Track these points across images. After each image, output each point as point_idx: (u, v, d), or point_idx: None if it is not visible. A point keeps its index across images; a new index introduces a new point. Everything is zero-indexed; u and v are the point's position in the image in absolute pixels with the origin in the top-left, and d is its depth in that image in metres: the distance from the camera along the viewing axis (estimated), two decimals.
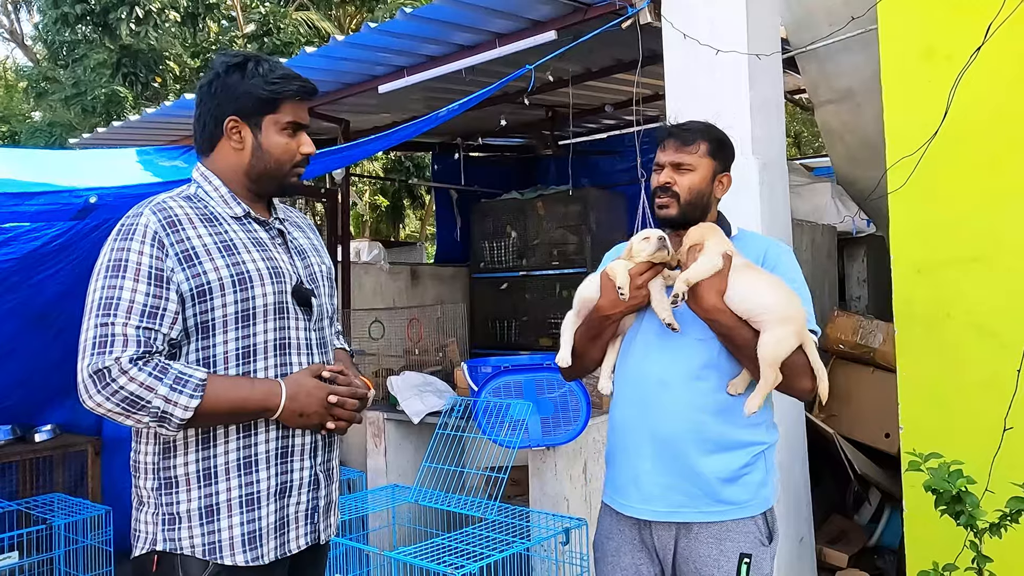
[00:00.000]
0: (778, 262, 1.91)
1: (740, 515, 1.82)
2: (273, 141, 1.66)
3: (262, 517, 1.59)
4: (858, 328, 3.81)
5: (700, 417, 1.82)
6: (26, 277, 4.07)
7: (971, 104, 2.63)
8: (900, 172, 2.74)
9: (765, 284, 1.75)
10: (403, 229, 16.26)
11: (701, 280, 1.73)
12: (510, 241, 6.42)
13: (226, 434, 1.57)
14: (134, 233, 1.54)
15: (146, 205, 1.59)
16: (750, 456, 1.84)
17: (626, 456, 1.92)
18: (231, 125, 1.64)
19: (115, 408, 1.47)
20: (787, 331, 1.70)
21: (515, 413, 3.10)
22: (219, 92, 1.65)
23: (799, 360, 1.75)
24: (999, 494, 2.05)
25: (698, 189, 1.92)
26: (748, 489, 1.83)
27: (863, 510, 3.77)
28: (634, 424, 1.91)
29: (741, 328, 1.73)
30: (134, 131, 5.42)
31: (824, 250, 4.49)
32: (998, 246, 2.60)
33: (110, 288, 1.50)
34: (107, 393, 1.45)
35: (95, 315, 1.49)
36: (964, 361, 2.66)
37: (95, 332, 1.48)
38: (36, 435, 4.30)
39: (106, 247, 1.56)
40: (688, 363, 1.84)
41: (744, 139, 3.14)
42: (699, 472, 1.81)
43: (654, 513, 1.86)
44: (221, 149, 1.67)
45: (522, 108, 5.55)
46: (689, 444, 1.82)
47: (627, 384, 1.94)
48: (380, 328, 4.94)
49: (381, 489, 3.49)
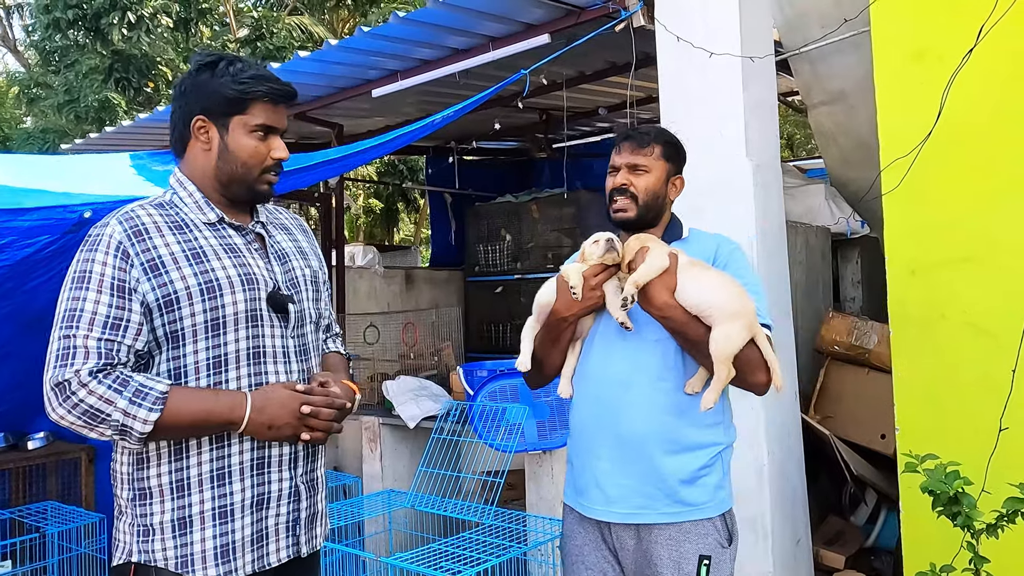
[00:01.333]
0: (729, 259, 1.93)
1: (699, 516, 1.84)
2: (240, 143, 1.60)
3: (236, 530, 1.56)
4: (853, 329, 3.81)
5: (663, 418, 1.84)
6: (20, 283, 4.04)
7: (964, 105, 2.63)
8: (894, 173, 2.75)
9: (714, 280, 1.78)
10: (397, 233, 16.25)
11: (651, 279, 1.76)
12: (505, 244, 6.42)
13: (199, 445, 1.54)
14: (99, 244, 1.52)
15: (114, 215, 1.57)
16: (708, 457, 1.86)
17: (587, 457, 1.93)
18: (198, 124, 1.60)
19: (77, 421, 1.45)
20: (737, 325, 1.72)
21: (511, 417, 3.10)
22: (188, 91, 1.62)
23: (752, 354, 1.77)
24: (996, 495, 2.05)
25: (653, 190, 1.95)
26: (706, 491, 1.85)
27: (859, 511, 3.77)
28: (595, 425, 1.92)
29: (693, 324, 1.75)
30: (127, 136, 5.41)
31: (818, 251, 4.49)
32: (992, 246, 2.61)
33: (73, 300, 1.49)
34: (68, 406, 1.44)
35: (59, 327, 1.48)
36: (959, 362, 2.66)
37: (58, 344, 1.47)
38: (29, 442, 4.26)
39: (75, 258, 1.55)
40: (648, 364, 1.86)
41: (738, 141, 3.14)
42: (660, 473, 1.83)
43: (614, 515, 1.87)
44: (191, 150, 1.63)
45: (516, 111, 5.55)
46: (652, 445, 1.84)
47: (588, 386, 1.95)
48: (375, 332, 4.93)
49: (377, 494, 3.48)
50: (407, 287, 6.74)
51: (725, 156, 3.16)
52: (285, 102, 1.65)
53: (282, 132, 1.67)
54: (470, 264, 6.68)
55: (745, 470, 3.04)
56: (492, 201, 6.74)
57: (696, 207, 3.22)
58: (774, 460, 3.07)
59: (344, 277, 5.91)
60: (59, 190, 2.76)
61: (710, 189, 3.20)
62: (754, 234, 3.08)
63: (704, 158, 3.20)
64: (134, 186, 3.08)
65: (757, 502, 3.02)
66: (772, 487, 3.04)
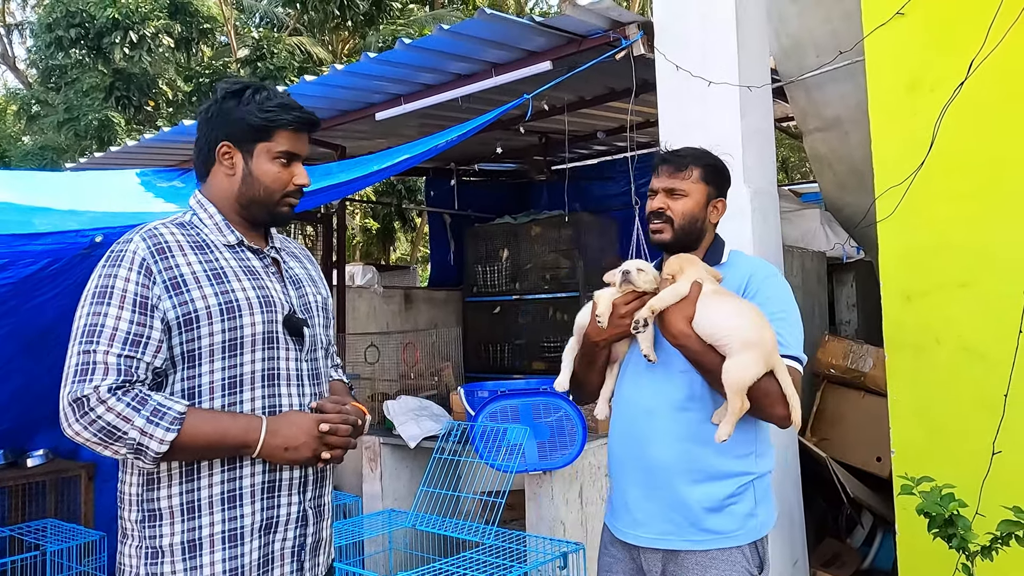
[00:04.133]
0: (762, 285, 1.91)
1: (726, 544, 1.83)
2: (264, 169, 1.64)
3: (245, 553, 1.55)
4: (848, 352, 3.86)
5: (685, 447, 1.85)
6: (24, 301, 4.06)
7: (956, 135, 2.70)
8: (888, 201, 2.81)
9: (731, 309, 1.76)
10: (394, 252, 16.29)
11: (669, 306, 1.77)
12: (503, 265, 6.47)
13: (210, 467, 1.54)
14: (122, 260, 1.52)
15: (137, 231, 1.58)
16: (737, 486, 1.86)
17: (619, 481, 1.98)
18: (223, 150, 1.64)
19: (92, 438, 1.45)
20: (750, 356, 1.69)
21: (512, 437, 3.12)
22: (215, 117, 1.65)
23: (768, 386, 1.74)
24: (989, 517, 2.09)
25: (691, 214, 1.94)
26: (735, 519, 1.85)
27: (856, 533, 3.80)
28: (624, 452, 1.96)
29: (708, 354, 1.75)
30: (130, 156, 5.45)
31: (814, 275, 4.56)
32: (985, 272, 2.66)
33: (94, 315, 1.49)
34: (85, 422, 1.44)
35: (78, 342, 1.48)
36: (953, 385, 2.71)
37: (77, 359, 1.47)
38: (28, 460, 4.27)
39: (95, 273, 1.55)
40: (673, 393, 1.87)
41: (736, 168, 3.19)
42: (684, 501, 1.84)
43: (641, 539, 1.90)
44: (215, 175, 1.67)
45: (516, 134, 5.63)
46: (674, 473, 1.85)
47: (620, 411, 1.99)
48: (375, 352, 4.96)
49: (378, 514, 3.50)
50: (406, 307, 6.78)
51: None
52: (308, 131, 1.69)
53: (302, 158, 1.70)
54: (469, 284, 6.73)
55: None
56: (491, 222, 6.80)
57: None
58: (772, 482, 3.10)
59: (344, 297, 5.95)
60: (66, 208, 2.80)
61: None
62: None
63: None
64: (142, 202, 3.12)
65: None
66: None
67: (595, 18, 3.51)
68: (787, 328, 1.85)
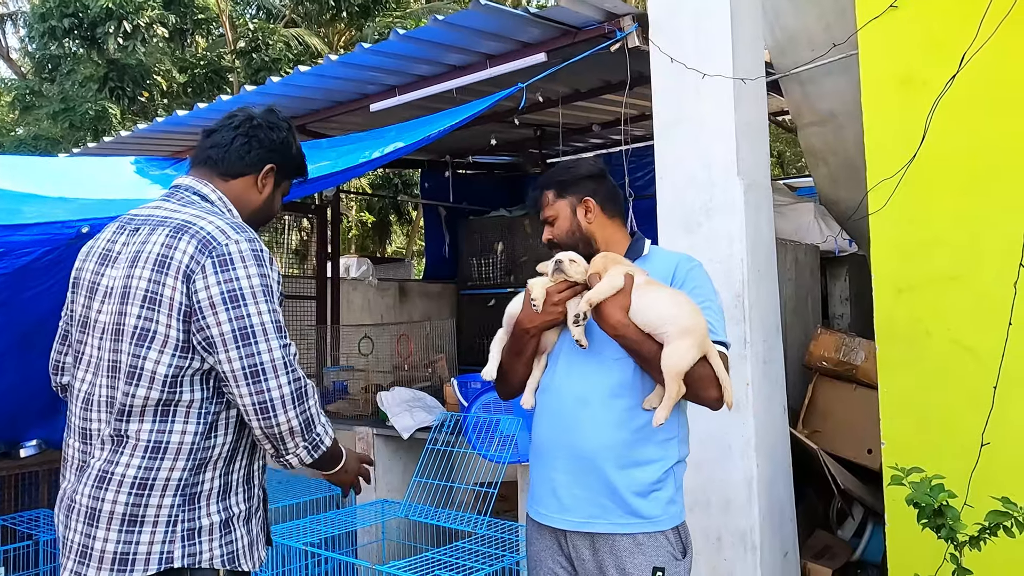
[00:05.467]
0: (687, 276, 1.98)
1: (651, 529, 1.88)
2: (277, 200, 1.89)
3: (251, 530, 1.74)
4: (841, 345, 3.88)
5: (617, 434, 1.89)
6: (16, 292, 4.05)
7: (948, 129, 2.71)
8: (880, 194, 2.82)
9: (667, 298, 1.83)
10: (389, 245, 16.28)
11: (605, 299, 1.81)
12: (498, 258, 6.48)
13: (240, 454, 1.73)
14: (265, 259, 1.68)
15: (245, 232, 1.69)
16: (661, 471, 1.91)
17: (544, 469, 2.00)
18: (269, 170, 1.82)
19: (298, 426, 1.64)
20: (688, 343, 1.77)
21: (504, 428, 3.14)
22: (278, 141, 1.83)
23: (703, 371, 1.81)
24: (978, 508, 2.11)
25: (565, 231, 2.04)
26: (658, 504, 1.90)
27: (846, 525, 3.82)
28: (552, 438, 1.98)
29: (647, 342, 1.81)
30: (125, 146, 5.43)
31: (807, 269, 4.57)
32: (976, 265, 2.68)
33: (273, 311, 1.64)
34: (302, 407, 1.63)
35: (275, 337, 1.62)
36: (943, 378, 2.73)
37: (282, 353, 1.62)
38: (22, 451, 4.27)
39: (245, 273, 1.62)
40: (605, 382, 1.91)
41: (729, 161, 3.21)
42: (613, 486, 1.88)
43: (569, 523, 1.93)
44: (246, 183, 1.81)
45: (511, 127, 5.62)
46: (605, 460, 1.89)
47: (549, 400, 2.01)
48: (369, 344, 4.97)
49: (371, 504, 3.50)
50: (401, 300, 6.78)
51: (716, 175, 3.22)
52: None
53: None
54: (463, 277, 6.73)
55: (734, 483, 3.09)
56: (486, 215, 6.80)
57: (688, 225, 3.30)
58: (763, 474, 3.12)
59: (339, 289, 5.95)
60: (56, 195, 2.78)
61: (702, 207, 3.27)
62: (745, 251, 3.14)
63: (696, 177, 3.28)
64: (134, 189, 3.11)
65: (746, 515, 3.07)
66: (761, 501, 3.09)
67: (590, 10, 3.51)
68: (714, 315, 1.92)
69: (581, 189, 2.06)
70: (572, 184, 2.07)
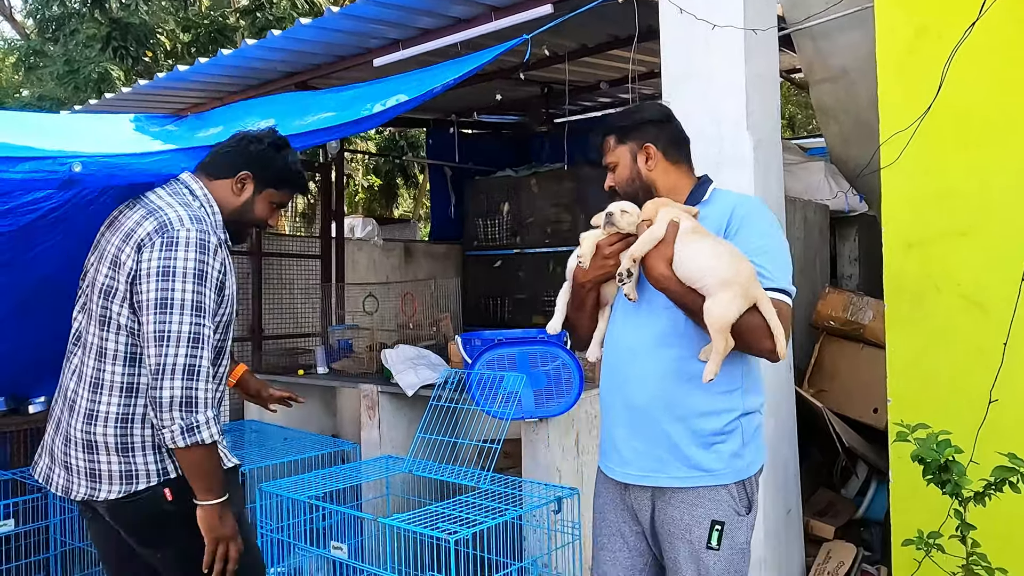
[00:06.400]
0: (744, 221, 1.88)
1: (712, 482, 1.84)
2: (260, 206, 2.14)
3: (223, 443, 2.06)
4: (849, 305, 3.84)
5: (666, 385, 1.85)
6: (21, 252, 4.04)
7: (963, 81, 2.65)
8: (893, 147, 2.77)
9: (707, 249, 1.74)
10: (396, 209, 16.20)
11: (649, 251, 1.77)
12: (504, 219, 6.42)
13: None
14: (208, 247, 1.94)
15: (195, 225, 1.94)
16: (723, 423, 1.85)
17: (606, 421, 2.01)
18: (242, 176, 2.10)
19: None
20: (728, 295, 1.69)
21: (508, 385, 3.13)
22: (255, 153, 2.12)
23: (753, 321, 1.72)
24: (983, 465, 2.10)
25: (626, 178, 2.00)
26: (721, 458, 1.85)
27: (850, 483, 3.83)
28: (610, 391, 1.98)
29: (690, 295, 1.75)
30: (127, 103, 5.38)
31: (816, 228, 4.52)
32: (987, 220, 2.63)
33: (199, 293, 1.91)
34: (191, 384, 1.85)
35: (192, 314, 1.88)
36: (952, 334, 2.70)
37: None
38: (30, 407, 4.31)
39: (181, 255, 1.89)
40: (654, 331, 1.88)
41: (739, 115, 3.15)
42: (669, 437, 1.85)
43: (629, 476, 1.92)
44: (223, 186, 2.09)
45: (517, 84, 5.54)
46: (657, 410, 1.86)
47: (607, 352, 2.01)
48: (374, 302, 4.96)
49: (375, 460, 3.52)
50: (406, 260, 6.75)
51: (726, 130, 3.16)
52: (302, 192, 2.26)
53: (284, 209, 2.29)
54: (469, 238, 6.68)
55: None
56: (492, 175, 6.73)
57: None
58: (767, 431, 3.10)
59: (344, 249, 5.92)
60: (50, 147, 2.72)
61: (710, 163, 3.21)
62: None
63: (705, 132, 3.21)
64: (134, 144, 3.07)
65: None
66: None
67: None
68: (771, 261, 1.82)
69: (642, 135, 1.99)
70: (633, 129, 2.01)
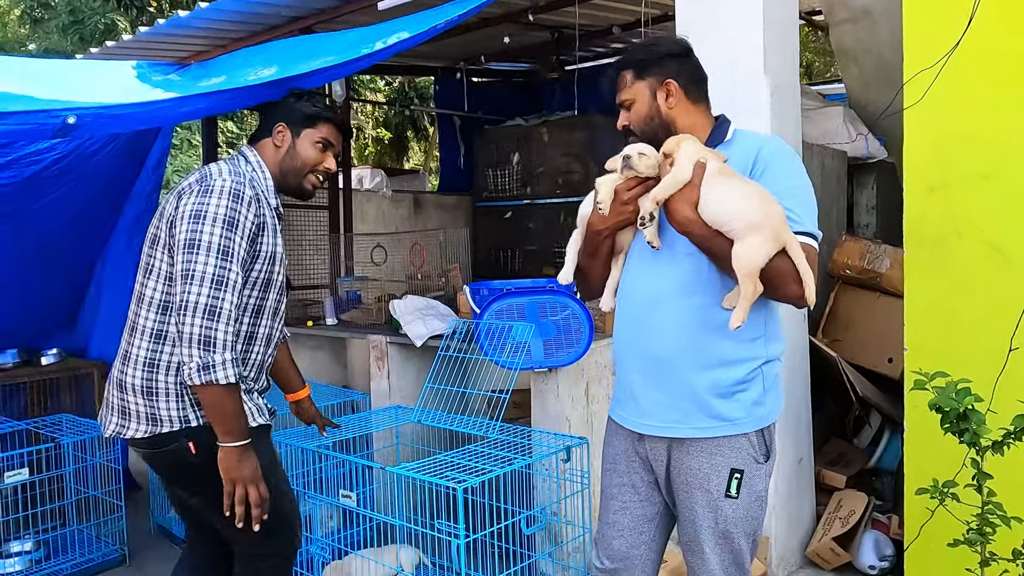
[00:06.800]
0: (769, 162, 1.79)
1: (732, 431, 1.80)
2: (304, 149, 2.18)
3: (253, 400, 2.10)
4: (865, 253, 3.77)
5: (690, 334, 1.80)
6: (27, 202, 4.02)
7: (992, 18, 2.52)
8: (917, 86, 2.66)
9: (736, 190, 1.66)
10: (407, 161, 16.06)
11: (672, 193, 1.69)
12: (514, 169, 6.32)
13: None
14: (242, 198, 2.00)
15: (235, 179, 2.02)
16: (746, 372, 1.81)
17: (622, 371, 1.95)
18: (278, 129, 2.17)
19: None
20: (758, 239, 1.62)
21: (517, 335, 3.09)
22: (280, 107, 2.21)
23: (782, 266, 1.65)
24: (1001, 414, 2.05)
25: (643, 116, 1.89)
26: (742, 406, 1.81)
27: (863, 433, 3.80)
28: (627, 341, 1.92)
29: (716, 239, 1.67)
30: (129, 51, 5.27)
31: (834, 176, 4.41)
32: (1012, 163, 2.54)
33: (229, 239, 1.97)
34: (212, 323, 1.90)
35: (218, 256, 1.95)
36: (972, 281, 2.62)
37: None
38: (43, 359, 4.33)
39: (214, 202, 1.96)
40: (675, 279, 1.81)
41: (756, 60, 3.04)
42: (691, 388, 1.80)
43: (648, 427, 1.88)
44: (265, 145, 2.18)
45: (526, 28, 5.38)
46: (680, 360, 1.81)
47: (623, 301, 1.94)
48: (382, 253, 4.92)
49: (384, 410, 3.52)
50: (415, 212, 6.69)
51: (743, 74, 3.06)
52: (343, 133, 2.27)
53: (336, 151, 2.26)
54: (479, 189, 6.59)
55: None
56: (502, 125, 6.61)
57: None
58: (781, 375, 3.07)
59: (352, 200, 5.85)
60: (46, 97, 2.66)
61: (726, 107, 3.10)
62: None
63: (721, 75, 3.09)
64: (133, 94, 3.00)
65: None
66: None
67: None
68: (798, 204, 1.74)
69: (663, 70, 1.88)
70: (654, 64, 1.88)
